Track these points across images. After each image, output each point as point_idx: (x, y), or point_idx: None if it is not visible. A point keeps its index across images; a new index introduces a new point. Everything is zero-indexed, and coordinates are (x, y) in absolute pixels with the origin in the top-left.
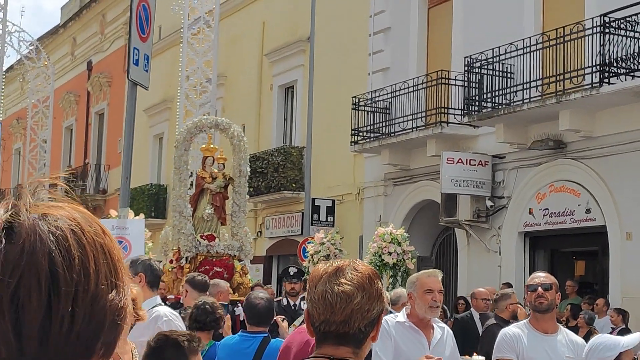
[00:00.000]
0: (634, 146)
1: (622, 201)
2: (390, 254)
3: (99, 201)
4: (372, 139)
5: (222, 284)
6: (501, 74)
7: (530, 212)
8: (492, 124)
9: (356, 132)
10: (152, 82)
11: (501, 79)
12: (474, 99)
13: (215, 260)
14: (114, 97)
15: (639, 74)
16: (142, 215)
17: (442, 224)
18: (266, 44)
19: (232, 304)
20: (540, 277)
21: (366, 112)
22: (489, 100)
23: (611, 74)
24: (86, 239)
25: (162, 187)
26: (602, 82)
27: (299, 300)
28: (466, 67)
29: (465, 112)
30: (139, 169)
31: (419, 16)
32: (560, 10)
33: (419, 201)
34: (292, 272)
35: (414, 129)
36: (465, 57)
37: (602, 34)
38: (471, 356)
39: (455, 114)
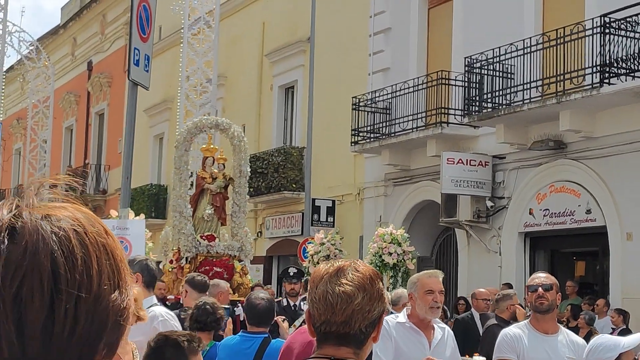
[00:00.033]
0: (634, 147)
1: (623, 201)
2: (390, 254)
3: (99, 201)
4: (372, 139)
5: (222, 284)
6: (501, 75)
7: (530, 213)
8: (492, 124)
9: (356, 132)
10: (152, 82)
11: (501, 79)
12: (474, 99)
13: (215, 260)
14: (114, 98)
15: (639, 74)
16: (142, 215)
17: (442, 225)
18: (266, 44)
19: (232, 304)
20: (540, 277)
21: (366, 113)
22: (489, 100)
23: (611, 75)
24: (89, 239)
25: (162, 188)
26: (603, 83)
27: (299, 300)
28: (466, 68)
29: (465, 112)
30: (139, 169)
31: (419, 16)
32: (560, 10)
33: (419, 201)
34: (292, 273)
35: (414, 129)
36: (465, 58)
37: (602, 35)
38: (472, 357)
39: (455, 115)
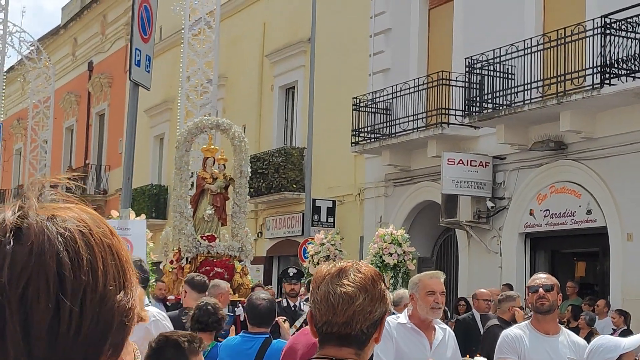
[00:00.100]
0: (634, 147)
1: (623, 202)
2: (390, 254)
3: (99, 202)
4: (372, 140)
5: (223, 285)
6: (502, 75)
7: (531, 213)
8: (492, 125)
9: (357, 132)
10: (152, 82)
11: (502, 80)
12: (474, 99)
13: (215, 260)
14: (114, 98)
15: (639, 75)
16: (143, 215)
17: (442, 225)
18: (267, 44)
19: (232, 304)
20: (541, 278)
21: (367, 113)
22: (490, 101)
23: (612, 75)
24: (94, 240)
25: (162, 188)
26: (603, 84)
27: (299, 301)
28: (467, 68)
29: (466, 113)
30: (140, 169)
31: (419, 17)
32: (561, 11)
33: (420, 202)
34: (292, 273)
35: (414, 130)
36: (466, 58)
37: (602, 35)
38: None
39: (456, 115)
